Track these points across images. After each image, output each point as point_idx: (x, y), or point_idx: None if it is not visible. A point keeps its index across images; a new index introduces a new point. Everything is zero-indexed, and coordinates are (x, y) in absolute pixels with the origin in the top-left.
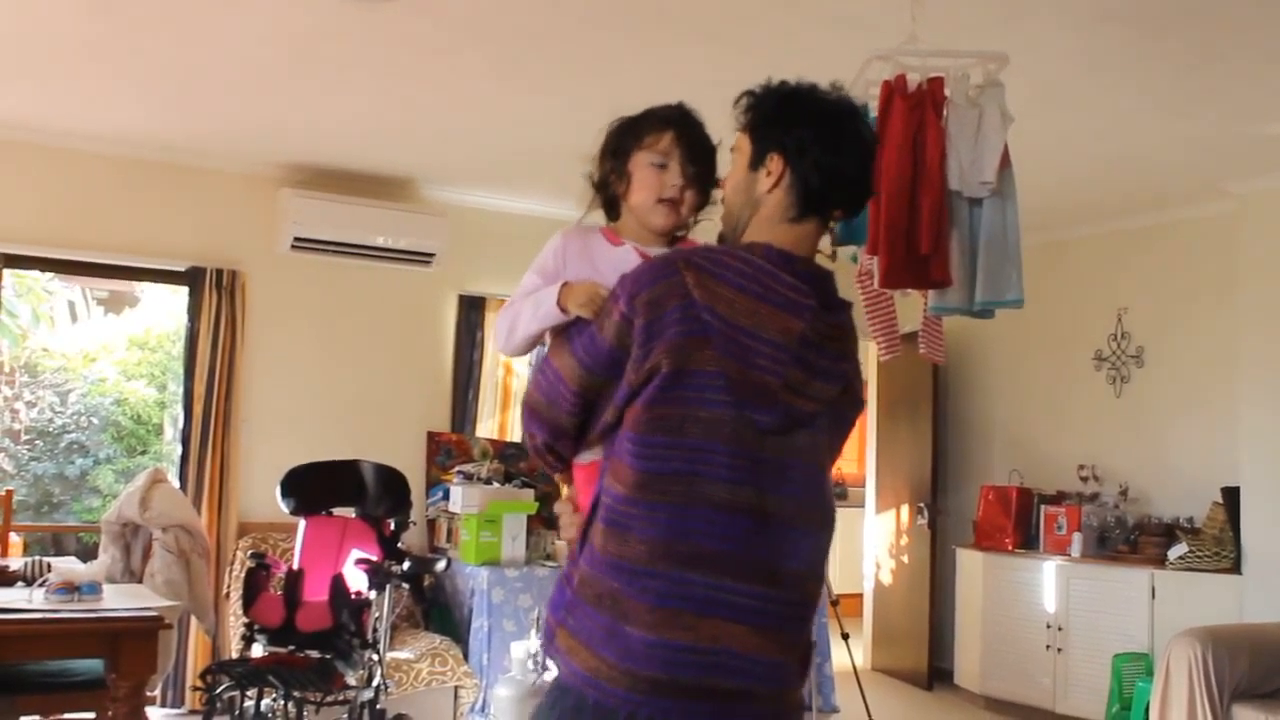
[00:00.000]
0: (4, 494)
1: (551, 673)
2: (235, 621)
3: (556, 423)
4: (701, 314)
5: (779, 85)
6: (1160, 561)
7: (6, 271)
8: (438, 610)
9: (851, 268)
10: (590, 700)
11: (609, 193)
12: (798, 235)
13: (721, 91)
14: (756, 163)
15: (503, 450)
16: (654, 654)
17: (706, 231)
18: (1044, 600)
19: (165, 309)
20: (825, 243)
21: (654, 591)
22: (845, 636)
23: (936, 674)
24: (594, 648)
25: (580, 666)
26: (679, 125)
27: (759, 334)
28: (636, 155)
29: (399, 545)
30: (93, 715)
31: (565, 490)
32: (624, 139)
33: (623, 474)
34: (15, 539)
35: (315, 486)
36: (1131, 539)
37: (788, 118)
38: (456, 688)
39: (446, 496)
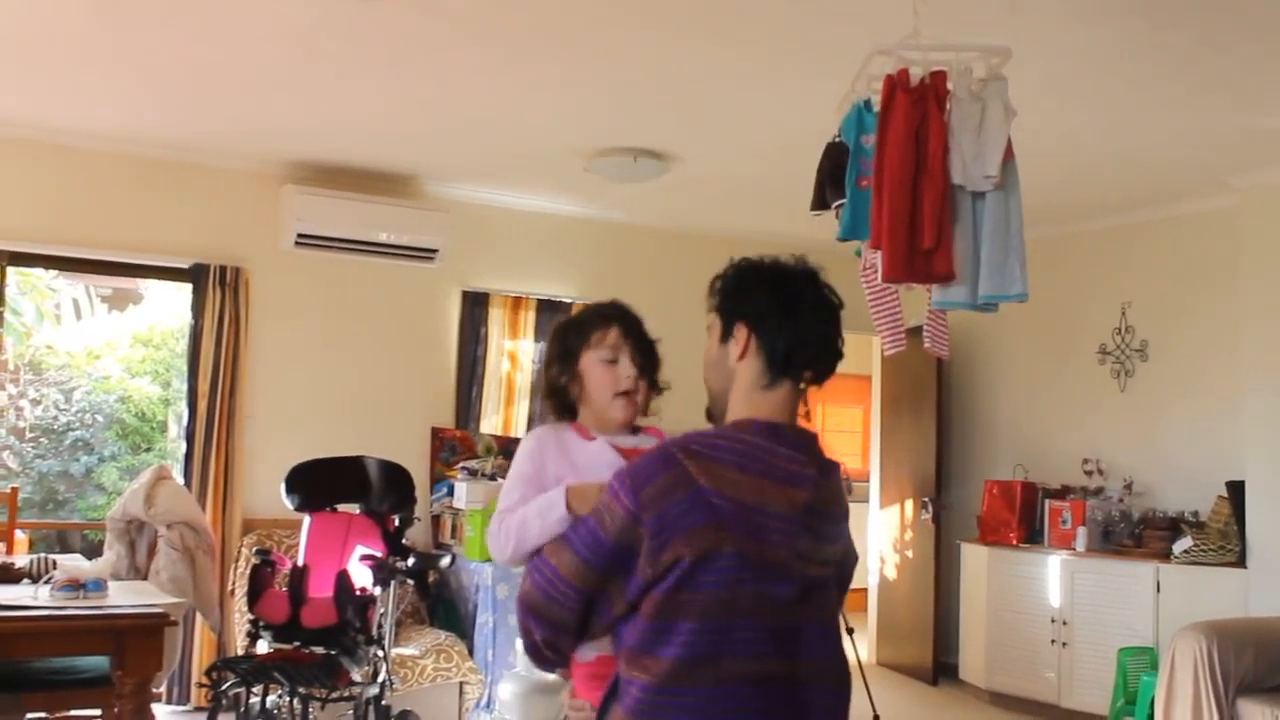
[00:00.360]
0: (9, 491)
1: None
2: (240, 618)
3: (557, 619)
4: (711, 499)
5: (740, 261)
6: (1165, 555)
7: (11, 269)
8: (442, 606)
9: (855, 262)
10: None
11: (564, 397)
12: (776, 402)
13: (723, 86)
14: (726, 335)
15: (506, 446)
16: None
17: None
18: (1049, 594)
19: (169, 306)
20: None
21: None
22: (850, 631)
23: (941, 668)
24: None
25: None
26: (622, 320)
27: (767, 510)
28: (585, 355)
29: (403, 541)
30: (98, 712)
31: (568, 688)
32: (570, 341)
33: (647, 662)
34: (20, 536)
35: (320, 483)
36: (1136, 533)
37: (747, 286)
38: (461, 684)
39: (451, 492)
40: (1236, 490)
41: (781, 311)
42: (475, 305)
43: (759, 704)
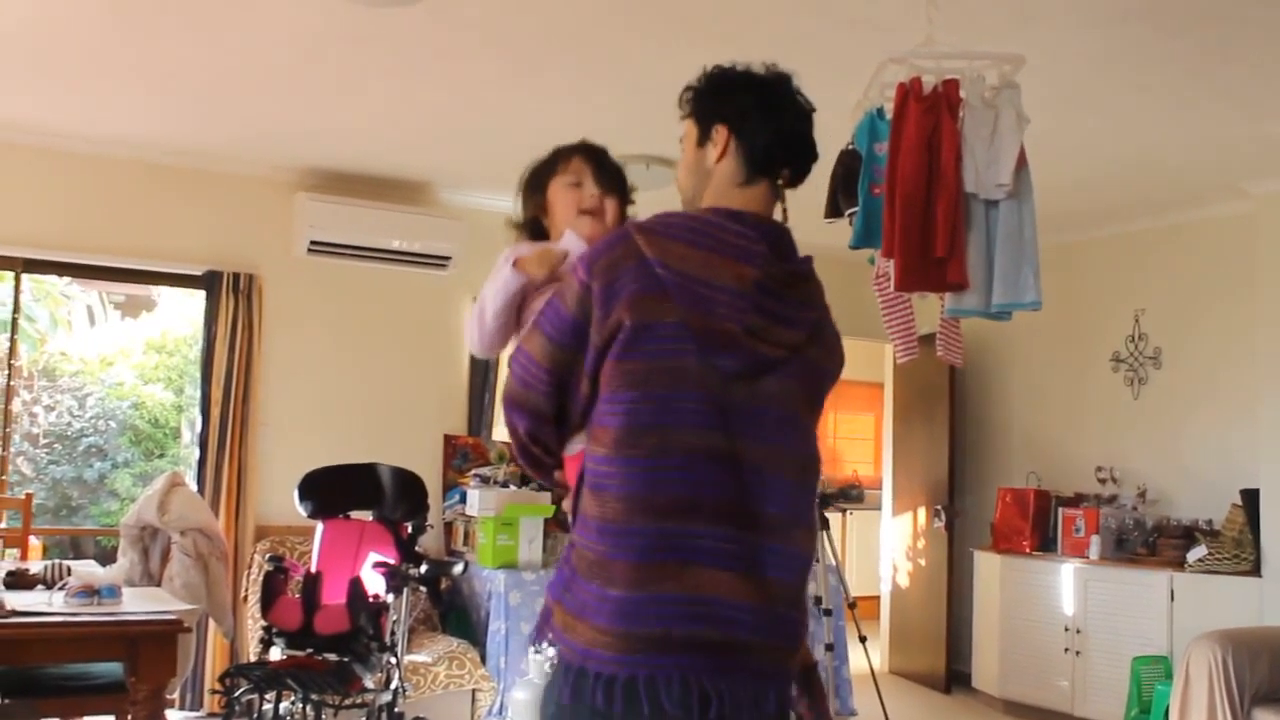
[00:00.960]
0: (23, 497)
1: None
2: (253, 625)
3: (535, 407)
4: (655, 269)
5: (713, 68)
6: (1179, 564)
7: (25, 276)
8: (455, 613)
9: (868, 269)
10: (591, 672)
11: (536, 226)
12: (748, 198)
13: None
14: (703, 138)
15: None
16: (643, 609)
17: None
18: (1062, 603)
19: (182, 313)
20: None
21: (635, 548)
22: (863, 639)
23: (954, 677)
24: (589, 618)
25: (579, 641)
26: (584, 150)
27: (714, 283)
28: (552, 183)
29: (416, 548)
30: (112, 718)
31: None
32: (538, 175)
33: (599, 434)
34: (34, 542)
35: (333, 490)
36: (1150, 541)
37: (726, 89)
38: (474, 691)
39: (463, 499)
40: (1251, 499)
41: (761, 110)
42: None
43: (705, 476)
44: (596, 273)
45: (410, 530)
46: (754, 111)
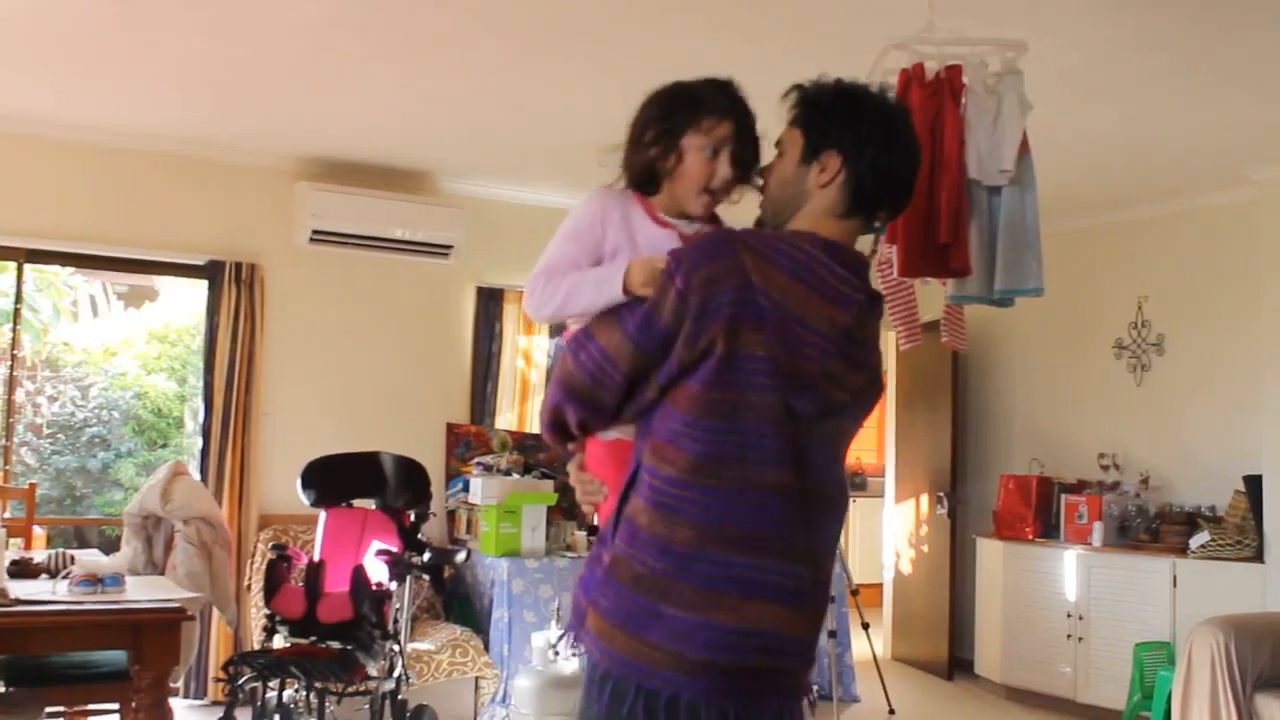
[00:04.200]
0: (27, 487)
1: (571, 662)
2: (257, 613)
3: (599, 402)
4: (758, 297)
5: (834, 83)
6: (1182, 550)
7: (28, 266)
8: (458, 601)
9: (872, 256)
10: (633, 684)
11: (649, 170)
12: (843, 230)
13: (740, 79)
14: (810, 157)
15: (522, 441)
16: (699, 635)
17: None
18: (1065, 589)
19: (185, 303)
20: (863, 244)
21: (701, 574)
22: (865, 626)
23: (957, 663)
24: (632, 630)
25: (619, 650)
26: (739, 117)
27: (807, 322)
28: (689, 136)
29: (419, 536)
30: (116, 706)
31: (575, 460)
32: (678, 115)
33: (673, 456)
34: (38, 532)
35: (335, 478)
36: (1153, 528)
37: (847, 116)
38: (477, 678)
39: (466, 488)
40: (1254, 484)
41: (878, 148)
42: (490, 301)
43: (777, 513)
44: (695, 285)
45: (413, 518)
46: (870, 147)
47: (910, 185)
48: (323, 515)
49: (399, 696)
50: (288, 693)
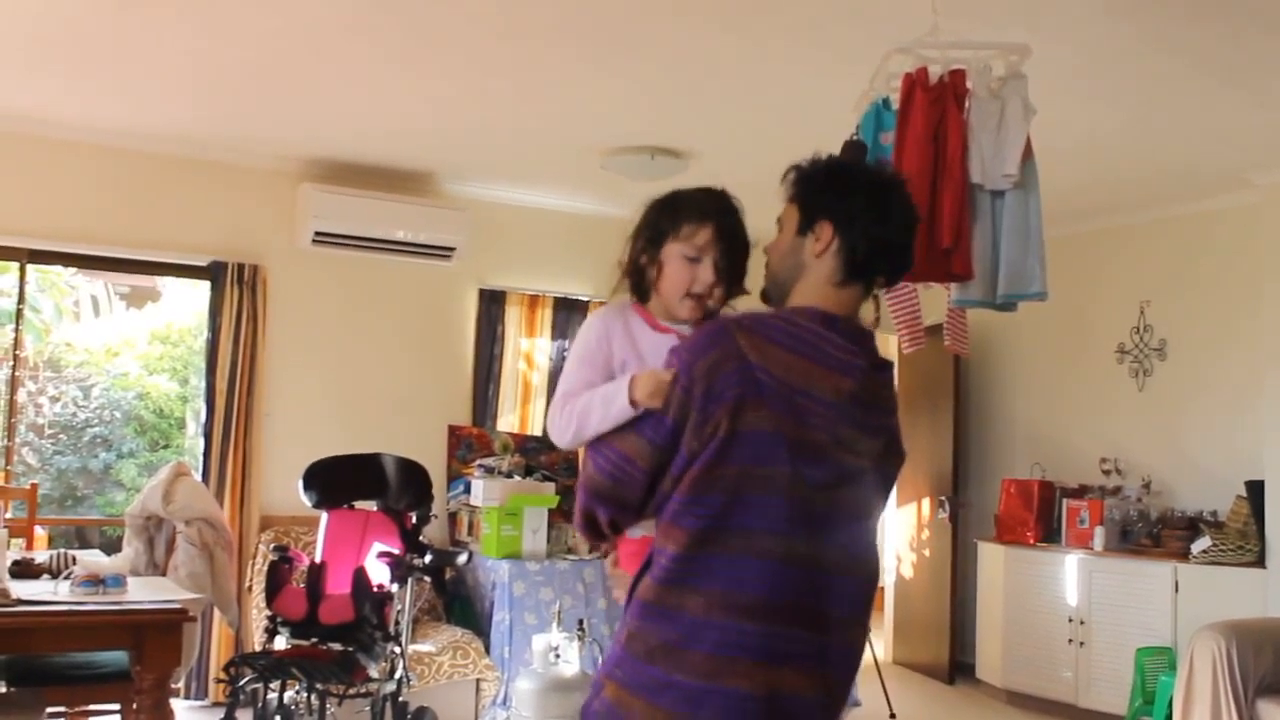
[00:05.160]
0: (29, 487)
1: (572, 665)
2: (258, 614)
3: (625, 502)
4: (756, 374)
5: (827, 159)
6: (1183, 555)
7: (30, 266)
8: (459, 603)
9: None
10: None
11: (640, 277)
12: (842, 299)
13: (741, 83)
14: (805, 228)
15: (523, 444)
16: (713, 700)
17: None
18: (1066, 594)
19: (187, 304)
20: (867, 311)
21: (711, 641)
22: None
23: (958, 667)
24: (645, 696)
25: (628, 711)
26: (718, 221)
27: (811, 393)
28: (670, 244)
29: (420, 538)
30: (118, 707)
31: (610, 558)
32: (660, 224)
33: (675, 534)
34: (40, 532)
35: (337, 480)
36: (1154, 532)
37: (838, 187)
38: (478, 680)
39: (468, 490)
40: (1256, 490)
41: (870, 219)
42: (492, 303)
43: (785, 581)
44: (697, 376)
45: (414, 520)
46: (862, 217)
47: (907, 250)
48: (324, 517)
49: (400, 698)
50: (289, 694)
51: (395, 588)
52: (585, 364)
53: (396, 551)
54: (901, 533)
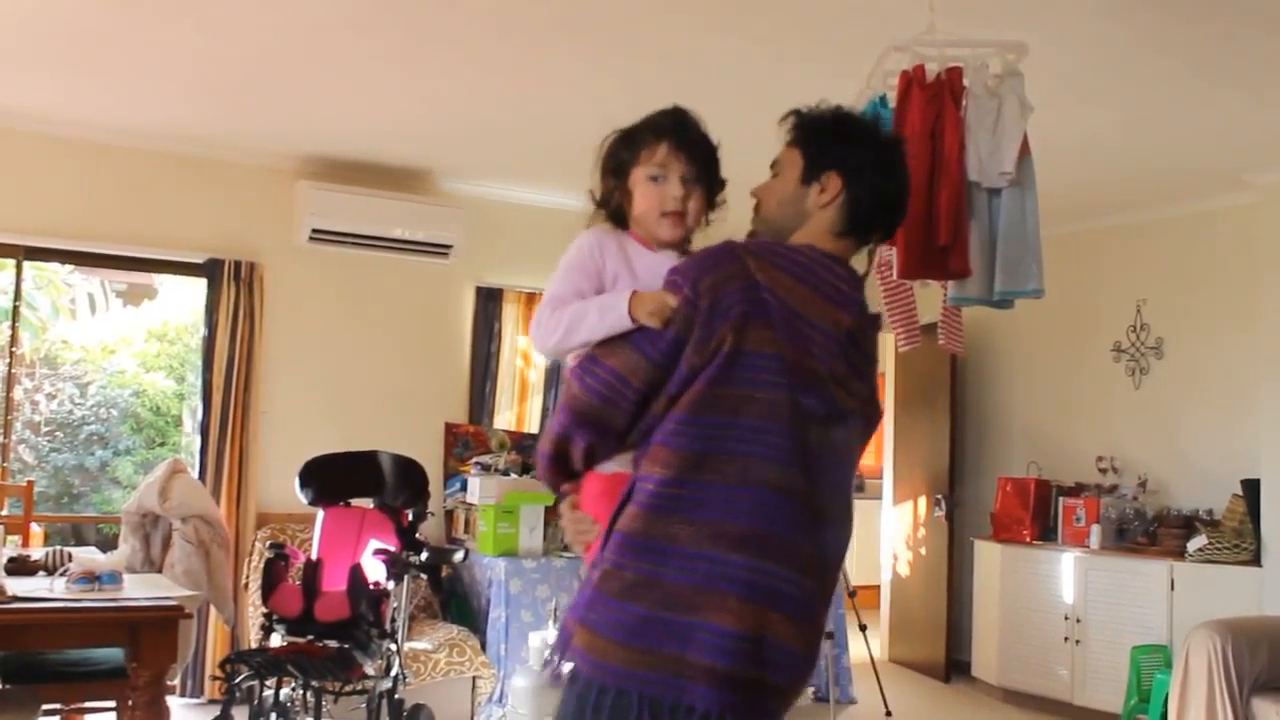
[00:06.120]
0: (25, 485)
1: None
2: (254, 611)
3: (609, 424)
4: (764, 294)
5: (834, 109)
6: (1179, 553)
7: (26, 263)
8: (455, 601)
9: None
10: (634, 694)
11: (614, 208)
12: (840, 248)
13: (737, 81)
14: (810, 178)
15: (520, 441)
16: (698, 636)
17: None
18: (1062, 592)
19: (184, 301)
20: (859, 264)
21: (699, 573)
22: (863, 628)
23: (954, 666)
24: (623, 640)
25: (615, 662)
26: (673, 134)
27: (813, 321)
28: (634, 171)
29: (417, 536)
30: (113, 704)
31: (568, 500)
32: (620, 155)
33: (665, 456)
34: (36, 530)
35: (333, 477)
36: (1150, 531)
37: (848, 139)
38: (474, 678)
39: (464, 487)
40: (1251, 488)
41: (876, 171)
42: (489, 301)
43: (780, 513)
44: (703, 290)
45: (411, 518)
46: (870, 170)
47: (904, 208)
48: (320, 514)
49: (396, 696)
50: (285, 691)
51: (391, 585)
52: (576, 270)
53: (393, 549)
54: (898, 531)
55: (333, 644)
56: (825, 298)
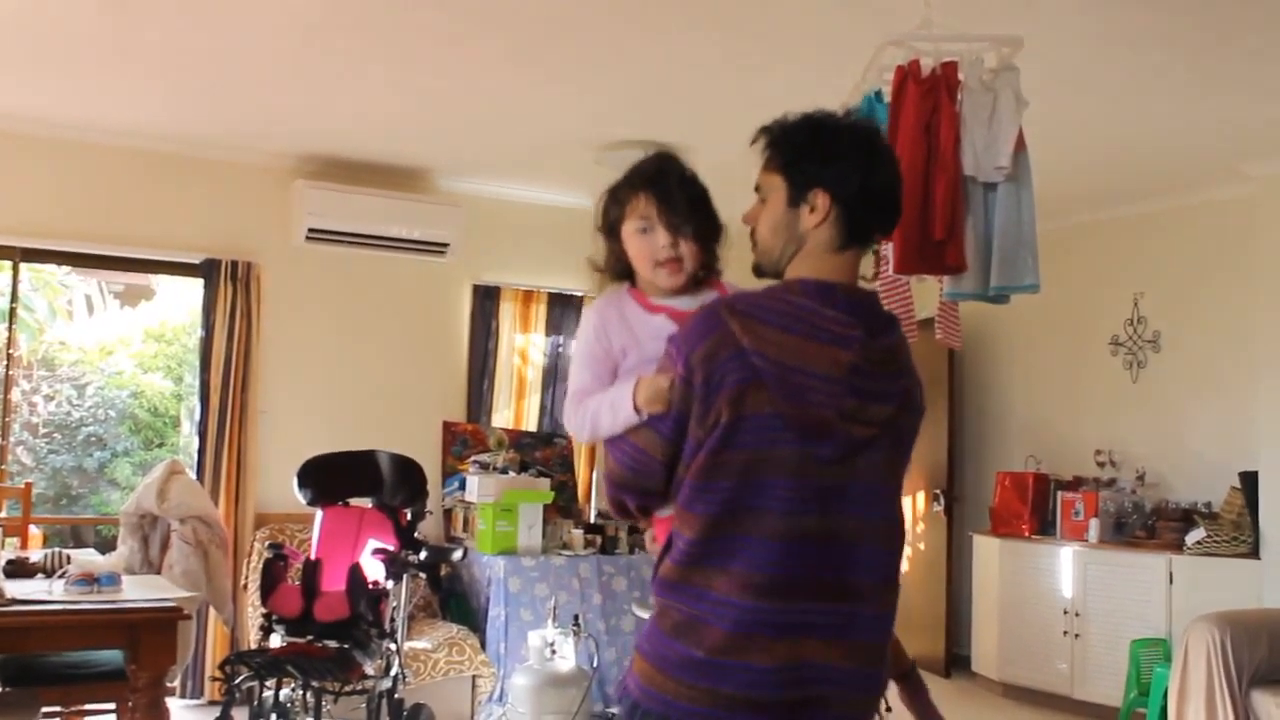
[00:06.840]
0: (23, 487)
1: (568, 661)
2: (253, 612)
3: (648, 489)
4: (752, 359)
5: (802, 119)
6: (1178, 547)
7: (23, 265)
8: (455, 600)
9: (867, 254)
10: (666, 717)
11: (619, 267)
12: (840, 264)
13: (735, 76)
14: (797, 200)
15: (518, 439)
16: (735, 675)
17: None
18: (1061, 586)
19: (181, 301)
20: (866, 266)
21: (731, 619)
22: None
23: (954, 661)
24: (669, 672)
25: (657, 689)
26: (652, 184)
27: (809, 370)
28: (624, 226)
29: (416, 535)
30: (113, 706)
31: (648, 534)
32: (610, 214)
33: (690, 520)
34: (34, 531)
35: (332, 477)
36: (1149, 524)
37: (824, 151)
38: (474, 677)
39: (462, 486)
40: (1250, 481)
41: (862, 175)
42: (486, 299)
43: (799, 559)
44: (695, 365)
45: (409, 517)
46: (855, 177)
47: (898, 200)
48: (319, 514)
49: (396, 695)
50: (284, 692)
51: (390, 584)
52: (589, 359)
53: (392, 548)
54: None
55: (332, 644)
56: (818, 341)
